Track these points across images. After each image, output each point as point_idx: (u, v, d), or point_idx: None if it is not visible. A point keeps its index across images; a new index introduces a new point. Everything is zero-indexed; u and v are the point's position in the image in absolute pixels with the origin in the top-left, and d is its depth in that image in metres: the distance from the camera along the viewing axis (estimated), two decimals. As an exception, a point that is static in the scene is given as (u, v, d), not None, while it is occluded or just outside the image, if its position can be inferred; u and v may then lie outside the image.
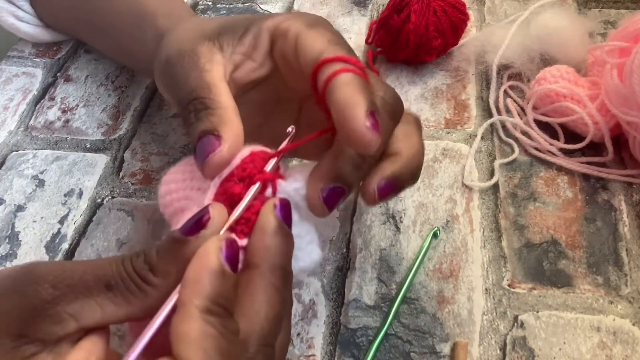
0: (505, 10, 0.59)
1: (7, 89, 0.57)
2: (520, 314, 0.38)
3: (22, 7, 0.56)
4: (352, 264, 0.41)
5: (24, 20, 0.57)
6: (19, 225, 0.45)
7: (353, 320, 0.38)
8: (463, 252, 0.41)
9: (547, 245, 0.41)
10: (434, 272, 0.40)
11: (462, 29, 0.53)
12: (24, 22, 0.57)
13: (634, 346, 0.36)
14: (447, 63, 0.54)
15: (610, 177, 0.44)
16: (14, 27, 0.57)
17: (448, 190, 0.44)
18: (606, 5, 0.58)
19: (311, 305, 0.39)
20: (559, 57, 0.50)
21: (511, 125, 0.48)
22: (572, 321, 0.37)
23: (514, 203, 0.43)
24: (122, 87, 0.56)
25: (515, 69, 0.51)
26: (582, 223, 0.42)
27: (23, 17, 0.57)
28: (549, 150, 0.46)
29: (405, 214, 0.43)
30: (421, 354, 0.36)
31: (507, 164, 0.46)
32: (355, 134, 0.26)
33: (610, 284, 0.39)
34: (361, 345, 0.37)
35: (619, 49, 0.43)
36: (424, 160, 0.33)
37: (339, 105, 0.27)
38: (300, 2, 0.63)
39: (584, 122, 0.44)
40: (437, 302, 0.39)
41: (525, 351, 0.36)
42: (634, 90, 0.40)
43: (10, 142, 0.52)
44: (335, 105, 0.27)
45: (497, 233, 0.42)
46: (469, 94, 0.51)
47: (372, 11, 0.61)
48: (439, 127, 0.49)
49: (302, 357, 0.37)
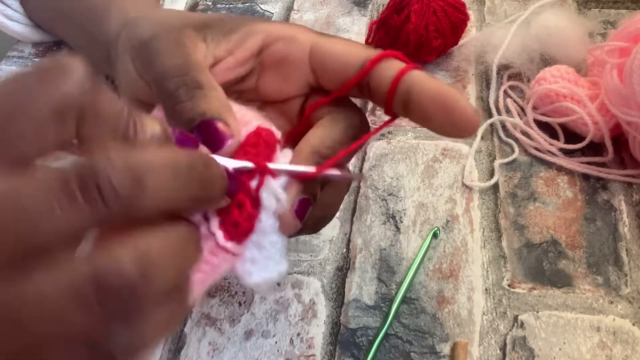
0: (505, 10, 0.59)
1: (7, 89, 0.57)
2: (520, 314, 0.38)
3: (11, 5, 0.56)
4: (352, 264, 0.41)
5: (13, 19, 0.57)
6: (19, 225, 0.45)
7: (353, 320, 0.38)
8: (463, 252, 0.41)
9: (547, 245, 0.41)
10: (434, 272, 0.40)
11: (462, 29, 0.53)
12: (13, 21, 0.57)
13: (634, 346, 0.36)
14: (447, 63, 0.54)
15: (610, 177, 0.44)
16: (3, 26, 0.57)
17: (448, 190, 0.44)
18: (606, 5, 0.58)
19: (311, 305, 0.39)
20: (559, 57, 0.50)
21: (511, 125, 0.48)
22: (572, 321, 0.37)
23: (514, 203, 0.43)
24: (122, 87, 0.56)
25: (515, 69, 0.51)
26: (582, 223, 0.42)
27: (12, 15, 0.57)
28: (549, 150, 0.46)
29: (405, 214, 0.43)
30: (421, 354, 0.36)
31: (507, 164, 0.46)
32: (464, 116, 0.27)
33: (610, 284, 0.39)
34: (361, 345, 0.37)
35: (619, 49, 0.43)
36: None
37: (435, 94, 0.27)
38: (300, 2, 0.63)
39: (584, 122, 0.44)
40: (437, 302, 0.39)
41: (525, 351, 0.36)
42: (634, 90, 0.40)
43: (10, 142, 0.52)
44: (428, 97, 0.27)
45: (497, 233, 0.42)
46: (469, 94, 0.51)
47: (372, 11, 0.61)
48: (439, 127, 0.49)
49: (302, 357, 0.37)
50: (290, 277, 0.40)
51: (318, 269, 0.41)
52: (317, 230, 0.34)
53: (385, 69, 0.29)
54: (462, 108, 0.27)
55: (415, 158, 0.47)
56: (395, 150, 0.47)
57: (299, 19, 0.60)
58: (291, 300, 0.39)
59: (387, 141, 0.48)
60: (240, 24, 0.32)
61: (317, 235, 0.43)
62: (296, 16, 0.61)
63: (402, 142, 0.48)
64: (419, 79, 0.28)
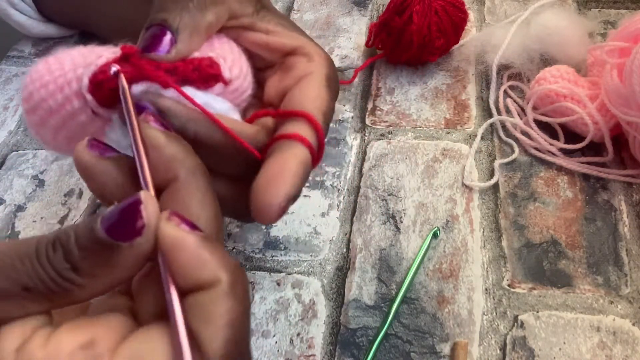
0: (505, 10, 0.59)
1: (7, 89, 0.57)
2: (520, 314, 0.38)
3: None
4: (352, 264, 0.41)
5: (17, 8, 0.56)
6: (19, 225, 0.45)
7: (353, 320, 0.38)
8: (463, 252, 0.41)
9: (547, 245, 0.41)
10: (434, 272, 0.40)
11: (462, 28, 0.53)
12: (17, 10, 0.56)
13: (634, 346, 0.36)
14: (447, 63, 0.54)
15: (610, 177, 0.44)
16: (5, 13, 0.56)
17: (448, 190, 0.44)
18: (606, 5, 0.58)
19: (311, 305, 0.39)
20: (559, 57, 0.50)
21: (511, 125, 0.48)
22: (572, 321, 0.37)
23: (514, 203, 0.43)
24: (122, 87, 0.56)
25: (515, 69, 0.51)
26: (582, 223, 0.42)
27: (17, 4, 0.56)
28: (549, 150, 0.46)
29: (405, 214, 0.43)
30: (421, 354, 0.36)
31: (507, 164, 0.46)
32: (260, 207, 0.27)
33: (610, 284, 0.39)
34: (361, 345, 0.37)
35: (619, 49, 0.43)
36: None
37: (265, 179, 0.27)
38: (300, 2, 0.63)
39: (584, 122, 0.44)
40: (437, 302, 0.39)
41: (525, 351, 0.36)
42: (634, 90, 0.40)
43: (10, 142, 0.52)
44: (265, 172, 0.28)
45: (497, 233, 0.42)
46: (469, 94, 0.51)
47: (372, 11, 0.61)
48: (439, 127, 0.49)
49: (302, 357, 0.37)
50: (290, 277, 0.41)
51: (318, 269, 0.41)
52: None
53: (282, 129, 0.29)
54: (269, 201, 0.27)
55: (415, 158, 0.47)
56: (395, 150, 0.47)
57: (299, 19, 0.60)
58: (291, 300, 0.39)
59: (387, 141, 0.48)
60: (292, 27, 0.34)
61: (317, 235, 0.43)
62: (296, 16, 0.61)
63: (402, 142, 0.48)
64: (284, 152, 0.29)
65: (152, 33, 0.28)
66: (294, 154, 0.28)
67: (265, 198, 0.27)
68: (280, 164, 0.28)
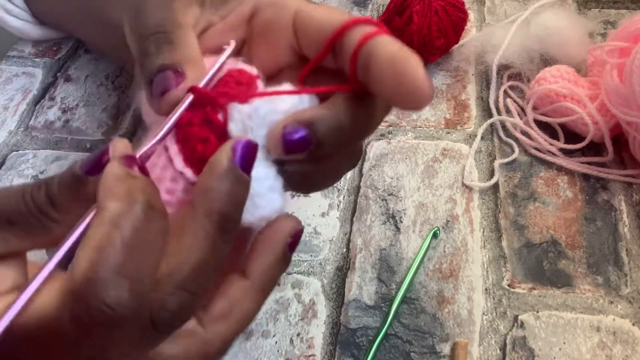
0: (505, 10, 0.59)
1: (7, 89, 0.57)
2: (520, 314, 0.38)
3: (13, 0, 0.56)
4: (352, 264, 0.41)
5: (13, 13, 0.56)
6: (19, 225, 0.45)
7: (353, 320, 0.38)
8: (463, 252, 0.41)
9: (547, 245, 0.41)
10: (434, 272, 0.40)
11: (462, 28, 0.53)
12: (13, 16, 0.56)
13: (634, 346, 0.36)
14: (447, 63, 0.54)
15: (610, 177, 0.44)
16: (2, 21, 0.56)
17: (448, 190, 0.44)
18: (606, 5, 0.58)
19: (311, 305, 0.39)
20: (559, 57, 0.50)
21: (511, 125, 0.48)
22: (572, 321, 0.37)
23: (514, 203, 0.43)
24: (122, 87, 0.56)
25: (515, 69, 0.51)
26: (582, 223, 0.42)
27: (12, 10, 0.56)
28: (549, 150, 0.46)
29: (405, 214, 0.43)
30: (421, 354, 0.36)
31: (507, 164, 0.46)
32: (412, 81, 0.24)
33: (610, 284, 0.39)
34: (361, 345, 0.37)
35: (619, 49, 0.43)
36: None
37: (390, 57, 0.25)
38: (300, 2, 0.62)
39: (584, 122, 0.44)
40: (437, 302, 0.39)
41: (525, 351, 0.36)
42: (634, 90, 0.40)
43: (10, 142, 0.52)
44: (384, 60, 0.25)
45: (497, 233, 0.42)
46: (469, 94, 0.51)
47: (372, 11, 0.61)
48: (439, 127, 0.49)
49: (302, 357, 0.37)
50: (290, 277, 0.40)
51: (318, 269, 0.41)
52: (321, 185, 0.30)
53: (354, 34, 0.27)
54: (412, 72, 0.24)
55: (415, 158, 0.47)
56: (395, 150, 0.47)
57: (299, 19, 0.60)
58: (291, 300, 0.39)
59: (387, 141, 0.48)
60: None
61: (317, 235, 0.43)
62: (296, 16, 0.61)
63: (402, 142, 0.48)
64: (382, 42, 0.26)
65: (161, 78, 0.28)
66: (395, 44, 0.26)
67: (413, 75, 0.24)
68: (402, 50, 0.25)
